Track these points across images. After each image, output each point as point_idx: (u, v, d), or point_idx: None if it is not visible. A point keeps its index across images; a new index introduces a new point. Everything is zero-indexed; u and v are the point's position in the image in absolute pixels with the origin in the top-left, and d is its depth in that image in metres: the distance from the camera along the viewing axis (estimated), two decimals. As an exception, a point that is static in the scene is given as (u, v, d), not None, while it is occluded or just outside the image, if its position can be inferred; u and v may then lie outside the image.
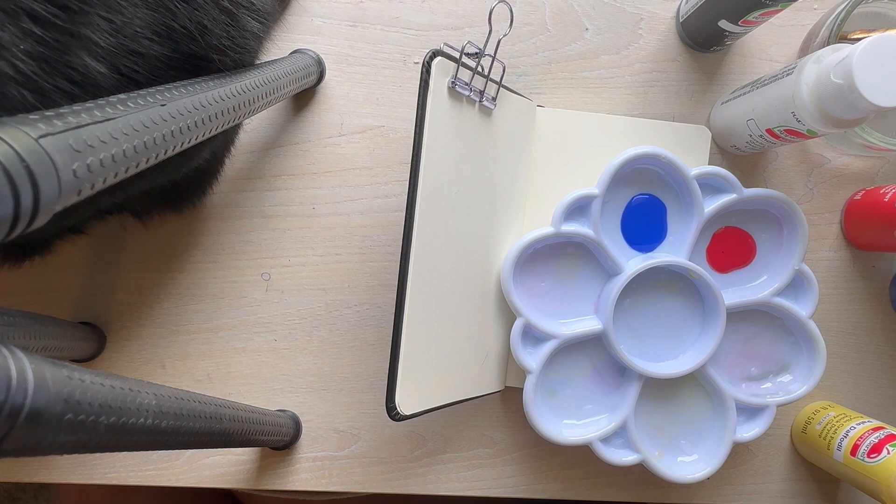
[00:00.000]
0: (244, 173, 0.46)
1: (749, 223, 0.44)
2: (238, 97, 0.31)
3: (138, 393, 0.22)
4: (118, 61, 0.24)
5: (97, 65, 0.23)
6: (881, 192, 0.44)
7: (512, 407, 0.46)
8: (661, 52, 0.47)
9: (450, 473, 0.46)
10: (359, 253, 0.46)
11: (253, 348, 0.45)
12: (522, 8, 0.47)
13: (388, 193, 0.46)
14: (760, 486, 0.47)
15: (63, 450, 0.19)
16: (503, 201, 0.43)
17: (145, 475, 0.44)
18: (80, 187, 0.20)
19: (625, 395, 0.43)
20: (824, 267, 0.47)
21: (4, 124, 0.18)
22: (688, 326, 0.44)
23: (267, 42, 0.38)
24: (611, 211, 0.43)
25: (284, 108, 0.46)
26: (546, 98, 0.47)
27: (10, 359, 0.17)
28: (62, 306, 0.45)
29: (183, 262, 0.45)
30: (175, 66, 0.28)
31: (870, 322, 0.47)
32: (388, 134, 0.46)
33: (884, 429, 0.40)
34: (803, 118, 0.36)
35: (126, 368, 0.45)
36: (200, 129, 0.28)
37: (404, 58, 0.46)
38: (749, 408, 0.44)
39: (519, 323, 0.42)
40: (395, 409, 0.35)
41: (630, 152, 0.41)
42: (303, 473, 0.45)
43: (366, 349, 0.46)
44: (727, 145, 0.46)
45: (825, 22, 0.43)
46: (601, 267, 0.44)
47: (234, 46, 0.32)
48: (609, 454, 0.42)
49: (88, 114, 0.21)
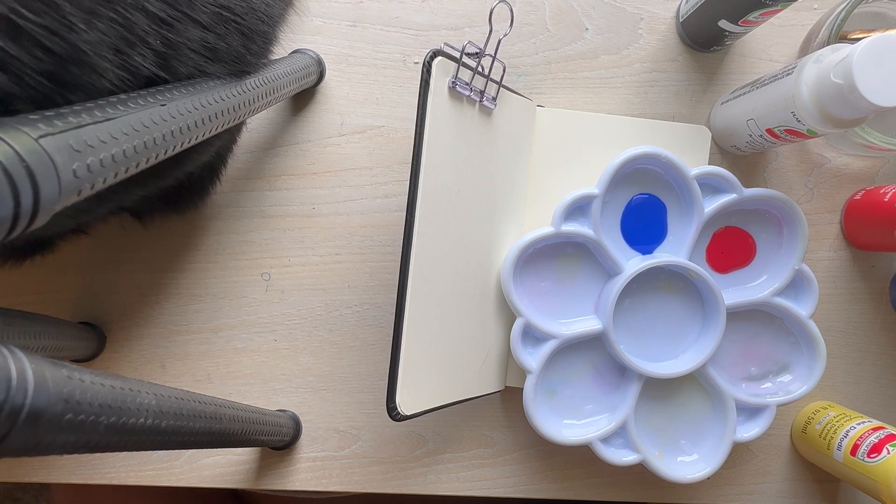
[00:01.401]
0: (244, 173, 0.46)
1: (749, 223, 0.44)
2: (238, 97, 0.31)
3: (138, 393, 0.22)
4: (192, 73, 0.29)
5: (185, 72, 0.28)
6: (881, 192, 0.44)
7: (512, 407, 0.46)
8: (661, 52, 0.47)
9: (450, 473, 0.46)
10: (359, 253, 0.46)
11: (253, 348, 0.45)
12: (522, 8, 0.47)
13: (388, 193, 0.46)
14: (760, 486, 0.47)
15: (63, 450, 0.19)
16: (503, 201, 0.43)
17: (145, 475, 0.44)
18: (80, 187, 0.20)
19: (625, 395, 0.43)
20: (824, 267, 0.47)
21: (4, 124, 0.18)
22: (688, 326, 0.44)
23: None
24: (611, 211, 0.43)
25: (284, 108, 0.46)
26: (546, 98, 0.47)
27: (10, 359, 0.17)
28: (62, 306, 0.45)
29: (183, 262, 0.45)
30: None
31: (870, 322, 0.47)
32: (388, 134, 0.46)
33: (884, 429, 0.40)
34: (803, 118, 0.36)
35: (126, 368, 0.45)
36: (200, 128, 0.28)
37: (404, 58, 0.46)
38: (749, 408, 0.44)
39: (519, 323, 0.42)
40: (396, 409, 0.35)
41: (630, 152, 0.41)
42: (303, 473, 0.45)
43: (366, 349, 0.46)
44: (727, 145, 0.46)
45: (825, 22, 0.43)
46: (601, 267, 0.44)
47: (263, 61, 0.34)
48: (609, 454, 0.42)
49: (88, 114, 0.21)
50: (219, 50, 0.29)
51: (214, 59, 0.29)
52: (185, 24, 0.26)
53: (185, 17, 0.26)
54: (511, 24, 0.39)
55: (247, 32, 0.31)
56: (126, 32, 0.24)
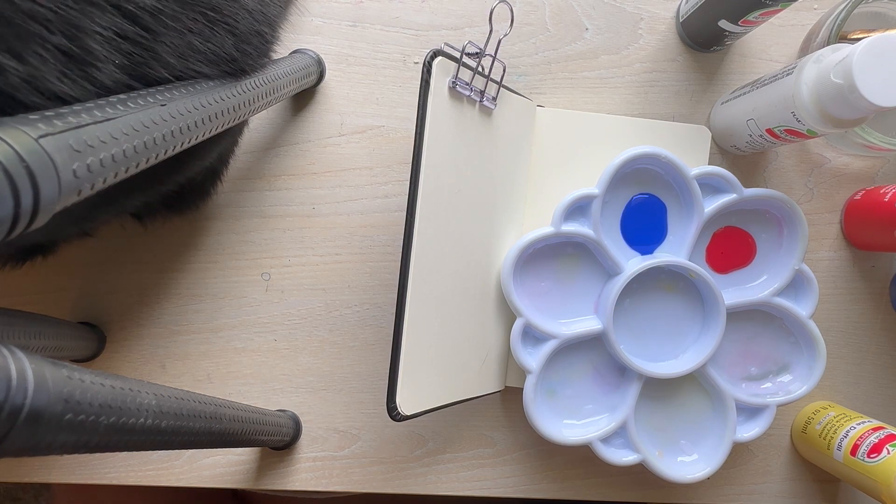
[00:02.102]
0: (244, 173, 0.46)
1: (749, 223, 0.44)
2: (238, 97, 0.31)
3: (138, 393, 0.22)
4: (179, 74, 0.29)
5: (166, 74, 0.28)
6: (881, 192, 0.44)
7: (512, 407, 0.46)
8: (661, 52, 0.47)
9: (450, 473, 0.46)
10: (359, 253, 0.46)
11: (253, 348, 0.45)
12: (522, 8, 0.47)
13: (388, 193, 0.46)
14: (760, 486, 0.47)
15: (63, 450, 0.19)
16: (503, 201, 0.43)
17: (145, 475, 0.44)
18: (80, 187, 0.20)
19: (625, 395, 0.43)
20: (824, 267, 0.47)
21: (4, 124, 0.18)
22: (688, 326, 0.44)
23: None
24: (611, 211, 0.43)
25: (284, 108, 0.46)
26: (546, 98, 0.47)
27: (10, 359, 0.17)
28: (62, 306, 0.45)
29: (183, 262, 0.45)
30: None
31: (870, 322, 0.47)
32: (388, 134, 0.46)
33: (884, 429, 0.40)
34: (803, 118, 0.36)
35: (126, 368, 0.45)
36: (200, 129, 0.28)
37: (404, 58, 0.46)
38: (749, 408, 0.44)
39: (519, 323, 0.42)
40: (396, 409, 0.35)
41: (630, 152, 0.41)
42: (303, 473, 0.45)
43: (366, 349, 0.46)
44: (727, 145, 0.46)
45: (825, 22, 0.43)
46: (601, 267, 0.44)
47: (262, 62, 0.34)
48: (609, 454, 0.42)
49: (88, 114, 0.21)
50: (207, 52, 0.29)
51: (206, 62, 0.29)
52: (165, 30, 0.26)
53: (163, 23, 0.26)
54: (511, 24, 0.39)
55: (238, 33, 0.30)
56: (72, 53, 0.23)
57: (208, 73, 0.30)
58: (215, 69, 0.30)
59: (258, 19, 0.32)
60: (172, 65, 0.27)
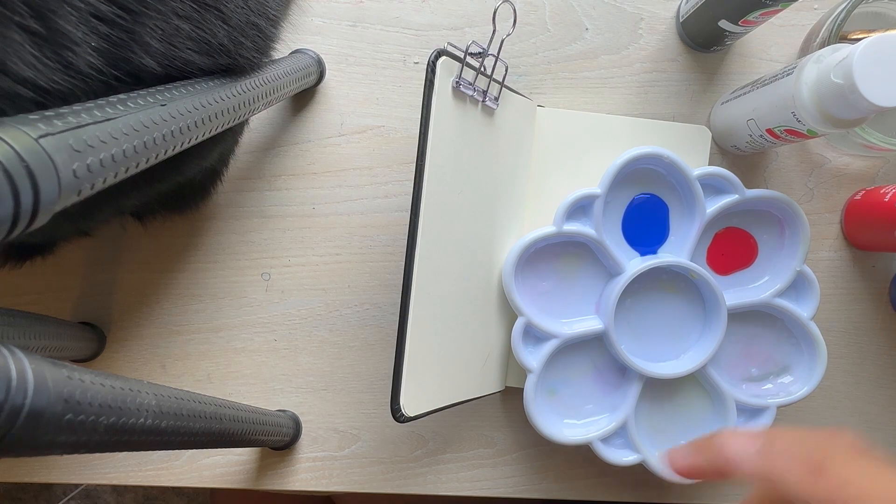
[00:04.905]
0: (244, 173, 0.46)
1: (751, 224, 0.44)
2: (238, 97, 0.31)
3: (138, 393, 0.22)
4: (168, 63, 0.27)
5: (151, 62, 0.26)
6: (881, 192, 0.44)
7: (512, 407, 0.46)
8: (661, 52, 0.47)
9: (450, 474, 0.46)
10: (359, 253, 0.46)
11: (253, 348, 0.45)
12: (523, 8, 0.47)
13: (388, 193, 0.46)
14: (761, 487, 0.47)
15: (63, 450, 0.19)
16: (505, 201, 0.43)
17: (145, 475, 0.44)
18: (80, 187, 0.20)
19: (625, 395, 0.43)
20: (824, 267, 0.47)
21: (4, 124, 0.18)
22: (689, 327, 0.44)
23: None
24: (613, 211, 0.43)
25: (284, 108, 0.46)
26: (546, 98, 0.47)
27: (10, 359, 0.17)
28: (62, 306, 0.45)
29: (183, 262, 0.45)
30: (211, 73, 0.30)
31: (870, 322, 0.47)
32: (388, 134, 0.46)
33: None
34: (803, 118, 0.36)
35: (126, 368, 0.45)
36: (201, 129, 0.28)
37: (404, 58, 0.46)
38: (749, 409, 0.44)
39: (520, 322, 0.42)
40: (401, 410, 0.35)
41: (633, 152, 0.41)
42: (303, 473, 0.45)
43: (366, 349, 0.46)
44: (727, 145, 0.46)
45: (825, 22, 0.43)
46: (603, 267, 0.44)
47: (260, 57, 0.33)
48: (609, 454, 0.42)
49: (88, 114, 0.21)
50: (197, 38, 0.28)
51: (197, 51, 0.28)
52: (147, 10, 0.25)
53: (144, 3, 0.25)
54: (514, 24, 0.39)
55: (231, 22, 0.30)
56: (42, 34, 0.22)
57: (200, 63, 0.29)
58: (208, 59, 0.29)
59: (253, 9, 0.31)
60: (157, 50, 0.26)
